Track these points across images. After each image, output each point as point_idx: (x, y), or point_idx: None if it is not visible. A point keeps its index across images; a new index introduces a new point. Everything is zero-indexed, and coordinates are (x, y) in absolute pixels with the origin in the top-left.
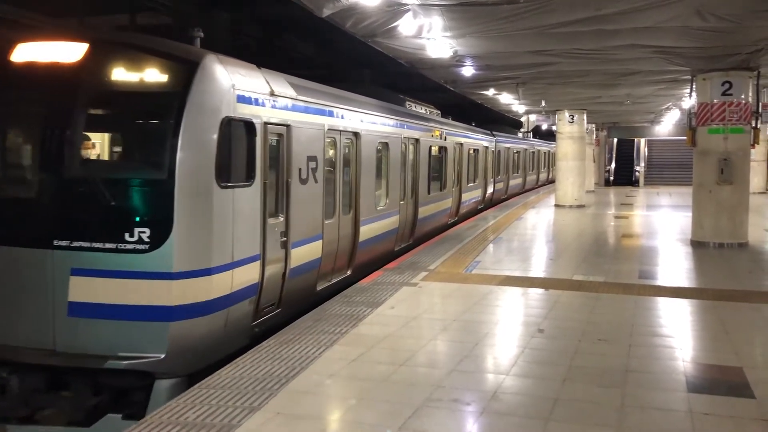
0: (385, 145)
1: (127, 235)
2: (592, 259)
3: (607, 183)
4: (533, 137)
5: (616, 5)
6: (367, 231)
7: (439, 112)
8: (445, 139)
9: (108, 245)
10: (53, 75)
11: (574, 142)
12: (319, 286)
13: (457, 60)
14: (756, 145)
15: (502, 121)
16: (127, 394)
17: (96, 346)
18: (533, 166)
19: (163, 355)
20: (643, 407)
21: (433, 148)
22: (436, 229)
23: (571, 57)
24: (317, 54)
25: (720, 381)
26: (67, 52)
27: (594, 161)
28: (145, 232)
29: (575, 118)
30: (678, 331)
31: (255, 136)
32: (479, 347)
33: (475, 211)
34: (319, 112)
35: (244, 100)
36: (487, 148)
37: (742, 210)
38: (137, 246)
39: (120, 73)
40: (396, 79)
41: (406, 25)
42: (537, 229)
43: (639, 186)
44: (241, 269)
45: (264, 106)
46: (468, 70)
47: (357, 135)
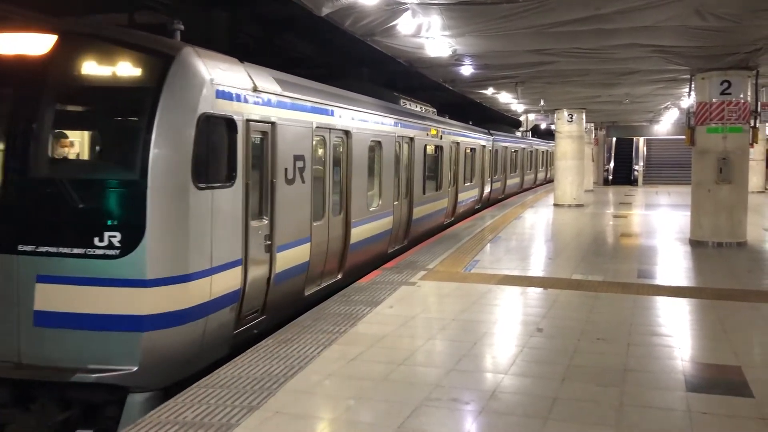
0: (378, 143)
1: (96, 239)
2: (591, 258)
3: (606, 182)
4: (532, 136)
5: (615, 4)
6: (358, 233)
7: (435, 111)
8: (441, 138)
9: (76, 250)
10: (19, 68)
11: (572, 141)
12: (308, 291)
13: (456, 59)
14: (755, 144)
15: (500, 120)
16: (98, 409)
17: (64, 358)
18: (531, 166)
19: (135, 368)
20: (641, 406)
21: (429, 147)
22: (432, 229)
23: (570, 56)
24: (316, 53)
25: (719, 380)
26: (34, 44)
27: (593, 160)
28: (115, 237)
29: (574, 118)
30: (677, 331)
31: (236, 134)
32: (478, 346)
33: (472, 211)
34: (306, 110)
35: (224, 95)
36: (484, 147)
37: (740, 209)
38: (107, 251)
39: (90, 67)
40: (395, 78)
41: (404, 24)
42: (536, 229)
43: (638, 185)
44: (220, 275)
45: (246, 102)
46: (467, 69)
47: (348, 133)
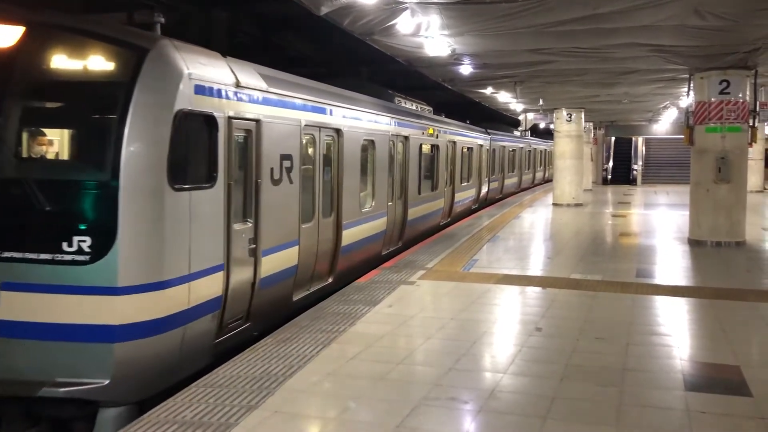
0: (371, 142)
1: (65, 244)
2: (590, 257)
3: (605, 182)
4: (531, 136)
5: (614, 4)
6: (350, 235)
7: (431, 109)
8: (437, 137)
9: (43, 256)
10: None
11: (571, 140)
12: (296, 296)
13: (455, 58)
14: (753, 143)
15: (499, 120)
16: (68, 425)
17: (30, 372)
18: (529, 165)
19: (107, 381)
20: (640, 406)
21: (424, 147)
22: (428, 230)
23: (568, 56)
24: (316, 52)
25: (717, 379)
26: (1, 36)
27: (592, 160)
28: (85, 241)
29: (573, 117)
30: (675, 330)
31: (217, 131)
32: (477, 346)
33: (468, 211)
34: (294, 107)
35: (204, 91)
36: (481, 146)
37: (739, 208)
38: (76, 257)
39: (60, 60)
40: (394, 78)
41: (403, 24)
42: (534, 228)
43: (636, 185)
44: (200, 281)
45: (228, 98)
46: (466, 69)
47: (339, 132)
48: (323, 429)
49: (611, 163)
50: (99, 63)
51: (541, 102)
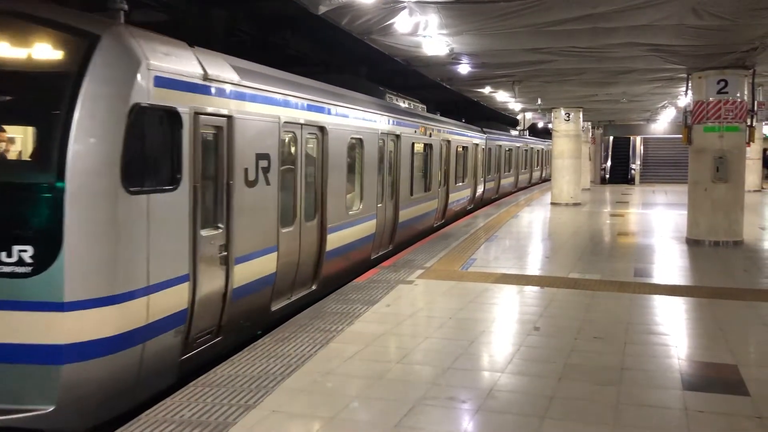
0: (359, 141)
1: (3, 254)
2: (588, 257)
3: (603, 181)
4: (529, 135)
5: (612, 3)
6: (336, 239)
7: (424, 107)
8: (431, 136)
9: None
10: None
11: (570, 140)
12: (276, 306)
13: (453, 58)
14: (751, 143)
15: (498, 119)
16: None
17: None
18: (526, 164)
19: (51, 408)
20: (638, 405)
21: (417, 146)
22: (421, 232)
23: (567, 55)
24: (314, 51)
25: (715, 379)
26: None
27: (590, 159)
28: (26, 251)
29: (571, 116)
30: (673, 329)
31: (181, 128)
32: (475, 345)
33: (464, 212)
34: (272, 102)
35: (166, 83)
36: (477, 145)
37: (737, 208)
38: (17, 269)
39: (1, 48)
40: (393, 77)
41: (402, 23)
42: (533, 227)
43: (635, 184)
44: (161, 294)
45: (194, 92)
46: (464, 68)
47: (323, 129)
48: (321, 428)
49: (609, 163)
50: (44, 51)
51: (539, 101)
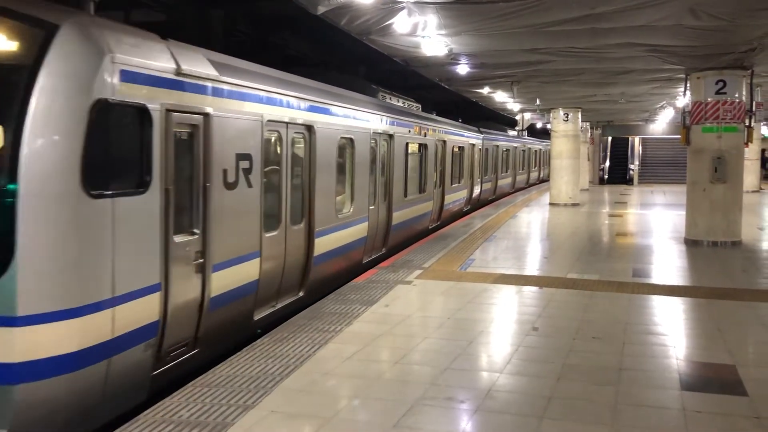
0: (350, 141)
1: None
2: (587, 257)
3: (602, 181)
4: (527, 135)
5: (611, 4)
6: (325, 243)
7: (419, 106)
8: (426, 136)
9: None
10: None
11: (568, 140)
12: (259, 315)
13: (452, 58)
14: (749, 143)
15: (496, 119)
16: None
17: None
18: (524, 165)
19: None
20: (636, 405)
21: (411, 146)
22: (415, 235)
23: (565, 55)
24: (313, 51)
25: (713, 379)
26: None
27: (588, 160)
28: None
29: (570, 117)
30: (672, 330)
31: (151, 126)
32: (473, 345)
33: (460, 213)
34: (255, 99)
35: (134, 78)
36: (473, 145)
37: (735, 208)
38: None
39: None
40: (391, 77)
41: (400, 23)
42: (531, 228)
43: (633, 184)
44: (128, 306)
45: (166, 87)
46: (463, 68)
47: (311, 129)
48: (320, 428)
49: (608, 163)
50: None
51: (538, 102)
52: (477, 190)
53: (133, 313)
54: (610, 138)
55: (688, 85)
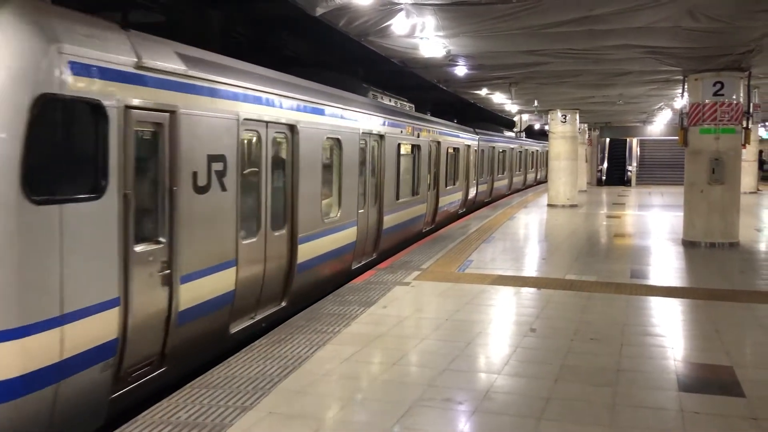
0: (337, 141)
1: None
2: (585, 258)
3: (600, 183)
4: (525, 136)
5: (608, 6)
6: (309, 249)
7: (412, 106)
8: (419, 137)
9: None
10: None
11: (566, 141)
12: (236, 328)
13: (450, 59)
14: (747, 145)
15: (494, 121)
16: None
17: None
18: (520, 166)
19: None
20: (634, 406)
21: (404, 147)
22: (408, 238)
23: (563, 57)
24: (311, 53)
25: (711, 380)
26: None
27: (586, 161)
28: None
29: (568, 118)
30: (669, 331)
31: (107, 125)
32: (471, 346)
33: (455, 216)
34: (229, 96)
35: (86, 71)
36: (469, 146)
37: (733, 210)
38: None
39: None
40: (390, 78)
41: (399, 25)
42: (529, 229)
43: (631, 186)
44: (80, 324)
45: (126, 82)
46: (461, 70)
47: (293, 128)
48: (318, 430)
49: (606, 165)
50: None
51: (536, 103)
52: (472, 192)
53: (86, 332)
54: (608, 139)
55: (686, 86)
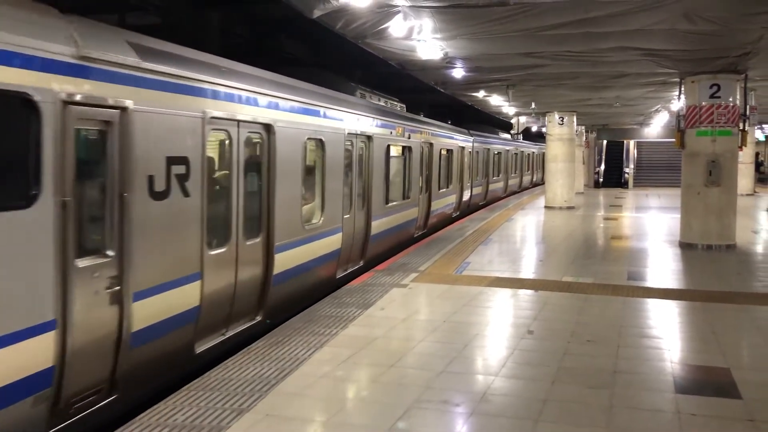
0: (319, 142)
1: None
2: (582, 260)
3: (597, 185)
4: (522, 138)
5: (605, 8)
6: (287, 259)
7: (403, 106)
8: (410, 138)
9: None
10: None
11: (563, 144)
12: (202, 347)
13: (448, 62)
14: (744, 147)
15: (491, 123)
16: None
17: None
18: (516, 168)
19: None
20: (631, 408)
21: (394, 148)
22: (399, 244)
23: (560, 59)
24: (309, 55)
25: (707, 382)
26: None
27: (583, 163)
28: None
29: (565, 120)
30: (666, 333)
31: (40, 123)
32: (469, 348)
33: (448, 220)
34: (193, 92)
35: (8, 60)
36: (463, 148)
37: (730, 212)
38: None
39: None
40: (388, 80)
41: (396, 27)
42: (527, 231)
43: (628, 188)
44: (4, 352)
45: (63, 74)
46: (458, 72)
47: (269, 128)
48: None
49: (603, 167)
50: None
51: (533, 105)
52: (467, 195)
53: (13, 361)
54: (605, 141)
55: (683, 89)
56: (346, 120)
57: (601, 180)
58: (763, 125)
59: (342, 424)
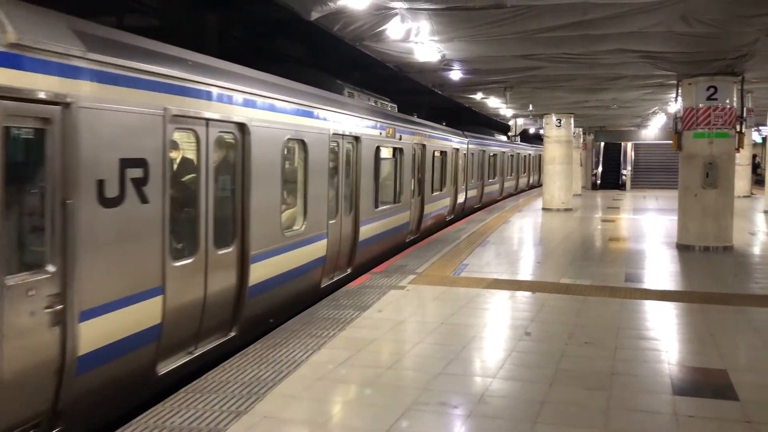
0: (301, 143)
1: None
2: (579, 262)
3: (594, 186)
4: (520, 140)
5: (602, 10)
6: (265, 268)
7: (394, 106)
8: (401, 139)
9: None
10: None
11: (561, 145)
12: (166, 368)
13: (445, 64)
14: (741, 149)
15: (489, 125)
16: None
17: None
18: (512, 170)
19: None
20: (628, 410)
21: (384, 150)
22: (390, 249)
23: (557, 61)
24: (307, 56)
25: (705, 383)
26: None
27: (581, 165)
28: None
29: (562, 122)
30: (664, 334)
31: None
32: (466, 350)
33: (442, 223)
34: (152, 87)
35: None
36: (457, 150)
37: (727, 213)
38: None
39: None
40: (386, 82)
41: (393, 29)
42: (524, 233)
43: (626, 189)
44: None
45: None
46: (456, 74)
47: (243, 128)
48: None
49: (600, 168)
50: None
51: (530, 107)
52: (461, 198)
53: None
54: (602, 143)
55: (680, 91)
56: (332, 120)
57: (598, 182)
58: (760, 127)
59: (339, 426)
